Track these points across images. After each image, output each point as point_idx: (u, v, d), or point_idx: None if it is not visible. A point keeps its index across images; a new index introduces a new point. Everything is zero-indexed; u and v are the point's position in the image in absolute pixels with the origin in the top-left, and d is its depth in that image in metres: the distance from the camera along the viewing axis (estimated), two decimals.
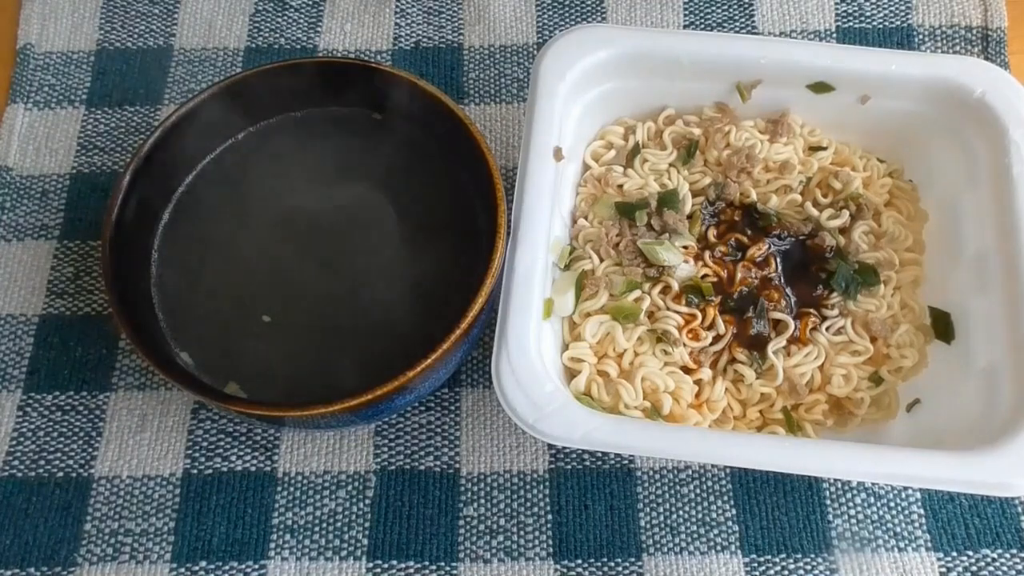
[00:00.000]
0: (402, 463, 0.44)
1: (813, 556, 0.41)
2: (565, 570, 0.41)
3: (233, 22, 0.55)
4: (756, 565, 0.41)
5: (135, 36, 0.55)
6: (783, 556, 0.41)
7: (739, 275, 0.43)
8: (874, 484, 0.43)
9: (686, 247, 0.43)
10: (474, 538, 0.42)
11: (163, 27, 0.55)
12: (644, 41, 0.43)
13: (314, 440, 0.44)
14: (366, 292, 0.42)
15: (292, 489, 0.43)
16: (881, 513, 0.42)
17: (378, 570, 0.41)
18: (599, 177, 0.45)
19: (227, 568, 0.42)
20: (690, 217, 0.44)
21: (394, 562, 0.42)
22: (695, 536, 0.42)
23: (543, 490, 0.43)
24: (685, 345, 0.41)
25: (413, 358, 0.36)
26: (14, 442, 0.44)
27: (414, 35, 0.54)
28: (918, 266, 0.44)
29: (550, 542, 0.42)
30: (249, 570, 0.42)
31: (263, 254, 0.43)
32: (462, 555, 0.42)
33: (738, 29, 0.54)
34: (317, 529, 0.42)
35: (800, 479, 0.43)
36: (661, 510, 0.43)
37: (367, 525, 0.42)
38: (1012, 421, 0.36)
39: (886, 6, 0.54)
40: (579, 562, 0.42)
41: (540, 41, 0.54)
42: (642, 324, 0.42)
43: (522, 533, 0.42)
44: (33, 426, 0.44)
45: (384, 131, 0.45)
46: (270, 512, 0.43)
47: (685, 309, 0.42)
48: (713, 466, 0.43)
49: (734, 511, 0.42)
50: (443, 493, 0.43)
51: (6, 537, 0.42)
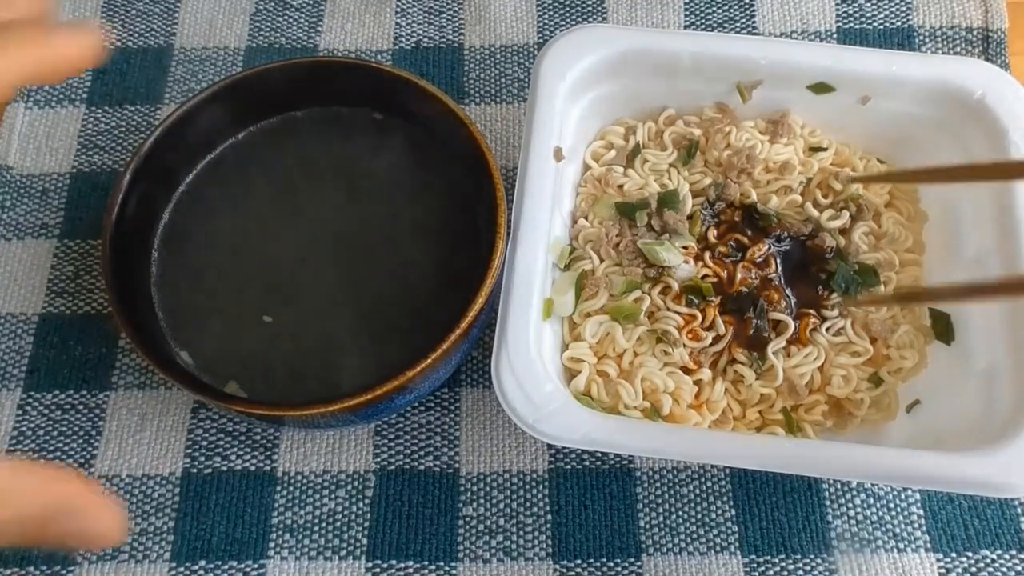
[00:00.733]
0: (401, 463, 0.44)
1: (812, 557, 0.41)
2: (564, 570, 0.41)
3: (234, 21, 0.55)
4: (755, 565, 0.41)
5: (135, 35, 0.55)
6: (782, 557, 0.42)
7: (739, 275, 0.43)
8: (874, 485, 0.43)
9: (686, 247, 0.43)
10: (473, 538, 0.42)
11: (163, 26, 0.55)
12: (645, 41, 0.43)
13: (314, 440, 0.44)
14: (366, 292, 0.42)
15: (292, 488, 0.43)
16: (880, 514, 0.42)
17: (377, 570, 0.41)
18: (599, 177, 0.45)
19: (226, 567, 0.42)
20: (690, 217, 0.44)
21: (393, 562, 0.42)
22: (694, 536, 0.42)
23: (542, 490, 0.43)
24: (685, 345, 0.41)
25: (413, 358, 0.36)
26: (14, 441, 0.44)
27: (415, 35, 0.54)
28: (918, 267, 0.44)
29: (549, 542, 0.42)
30: (248, 569, 0.42)
31: (264, 254, 0.43)
32: (461, 555, 0.42)
33: (739, 30, 0.54)
34: (316, 529, 0.42)
35: (799, 480, 0.43)
36: (660, 510, 0.43)
37: (366, 525, 0.42)
38: (1012, 422, 0.36)
39: (887, 7, 0.54)
40: (578, 562, 0.42)
41: (541, 41, 0.54)
42: (642, 324, 0.42)
43: (521, 533, 0.42)
44: (33, 425, 0.44)
45: (385, 131, 0.45)
46: (269, 511, 0.43)
47: (685, 309, 0.42)
48: (712, 466, 0.43)
49: (733, 512, 0.43)
50: (442, 493, 0.43)
51: None
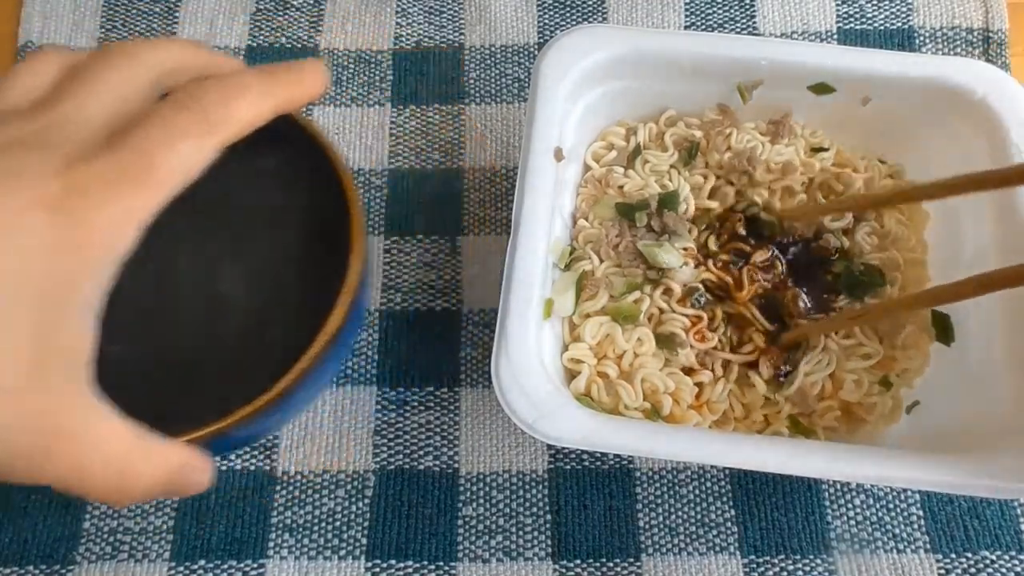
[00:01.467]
0: (401, 463, 0.44)
1: (812, 557, 0.41)
2: (564, 570, 0.41)
3: (234, 21, 0.55)
4: (755, 566, 0.41)
5: (136, 34, 0.55)
6: (782, 557, 0.42)
7: (745, 280, 0.43)
8: (873, 486, 0.43)
9: (686, 249, 0.43)
10: (473, 538, 0.42)
11: (164, 25, 0.55)
12: (645, 41, 0.43)
13: (313, 439, 0.44)
14: (212, 325, 0.38)
15: (291, 488, 0.43)
16: (880, 515, 0.42)
17: (377, 569, 0.41)
18: (600, 178, 0.45)
19: (226, 567, 0.42)
20: (693, 221, 0.44)
21: (392, 561, 0.42)
22: (694, 537, 0.42)
23: (542, 490, 0.43)
24: (692, 347, 0.41)
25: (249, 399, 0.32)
26: None
27: (415, 35, 0.54)
28: (921, 267, 0.44)
29: (549, 542, 0.42)
30: (248, 569, 0.42)
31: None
32: (461, 555, 0.42)
33: (739, 30, 0.54)
34: (316, 528, 0.42)
35: (799, 480, 0.43)
36: (660, 511, 0.43)
37: (366, 524, 0.42)
38: (1011, 424, 0.36)
39: (887, 8, 0.54)
40: (578, 562, 0.42)
41: (541, 41, 0.54)
42: (642, 325, 0.42)
43: (521, 533, 0.42)
44: None
45: (231, 157, 0.38)
46: (269, 511, 0.43)
47: (691, 311, 0.42)
48: (712, 467, 0.43)
49: (733, 512, 0.42)
50: (442, 493, 0.43)
51: (5, 535, 0.42)
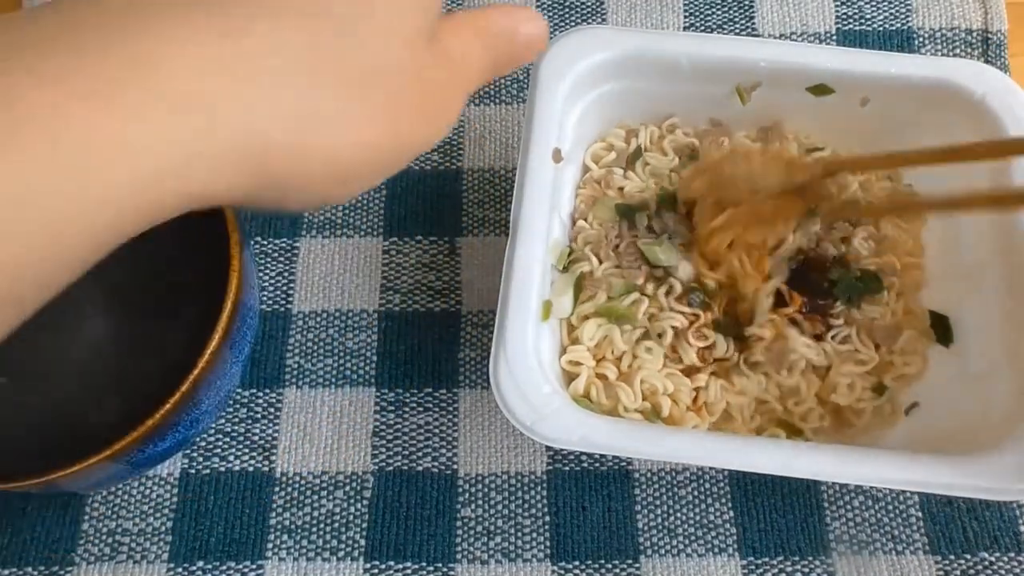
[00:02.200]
0: (400, 464, 0.44)
1: (811, 558, 0.41)
2: (562, 572, 0.41)
3: None
4: (754, 567, 0.41)
5: None
6: (781, 559, 0.41)
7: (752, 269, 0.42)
8: (872, 487, 0.43)
9: (684, 244, 0.43)
10: (471, 539, 0.42)
11: None
12: (644, 43, 0.42)
13: (312, 441, 0.44)
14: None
15: (290, 489, 0.43)
16: (879, 516, 0.42)
17: (375, 571, 0.41)
18: (599, 179, 0.45)
19: (224, 568, 0.42)
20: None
21: (391, 563, 0.42)
22: (693, 538, 0.42)
23: (541, 492, 0.43)
24: (690, 344, 0.41)
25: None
26: None
27: None
28: (919, 270, 0.44)
29: (548, 543, 0.42)
30: (247, 570, 0.42)
31: None
32: (459, 556, 0.42)
33: (738, 31, 0.54)
34: (315, 530, 0.42)
35: (798, 481, 0.43)
36: (659, 512, 0.43)
37: (364, 526, 0.42)
38: (1009, 425, 0.36)
39: (886, 9, 0.54)
40: (576, 564, 0.41)
41: None
42: (642, 326, 0.42)
43: (520, 534, 0.42)
44: None
45: None
46: (268, 512, 0.43)
47: (688, 309, 0.42)
48: (711, 468, 0.43)
49: (732, 513, 0.42)
50: (440, 494, 0.43)
51: (4, 536, 0.42)
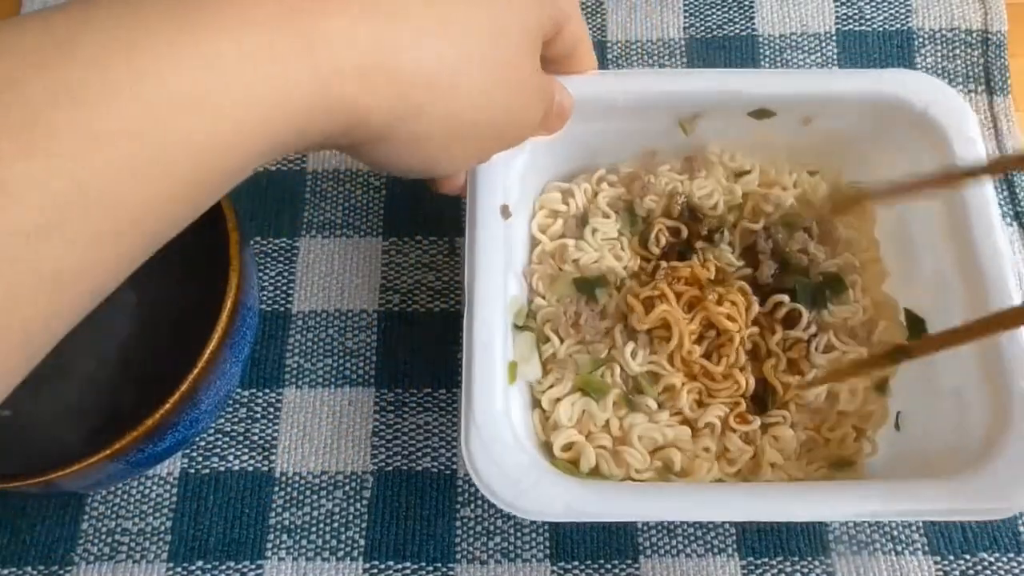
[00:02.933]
0: (399, 464, 0.44)
1: (810, 559, 0.41)
2: (562, 572, 0.41)
3: None
4: (753, 568, 0.41)
5: None
6: (780, 559, 0.41)
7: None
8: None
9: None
10: (471, 539, 0.42)
11: None
12: (577, 87, 0.40)
13: (311, 440, 0.44)
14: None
15: (289, 489, 0.43)
16: None
17: (375, 571, 0.41)
18: (552, 252, 0.44)
19: (224, 568, 0.42)
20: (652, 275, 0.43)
21: (391, 563, 0.42)
22: (692, 539, 0.42)
23: None
24: (735, 430, 0.40)
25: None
26: None
27: None
28: (877, 263, 0.44)
29: (547, 544, 0.42)
30: (246, 570, 0.42)
31: None
32: (459, 556, 0.42)
33: (738, 31, 0.54)
34: (314, 529, 0.42)
35: None
36: None
37: (364, 526, 0.42)
38: (987, 441, 0.35)
39: (886, 9, 0.54)
40: (576, 564, 0.41)
41: None
42: (616, 388, 0.41)
43: (519, 534, 0.42)
44: None
45: None
46: (267, 512, 0.43)
47: (728, 399, 0.40)
48: None
49: None
50: (440, 494, 0.43)
51: (3, 536, 0.42)
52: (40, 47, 0.20)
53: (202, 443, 0.44)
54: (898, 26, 0.54)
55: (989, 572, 0.41)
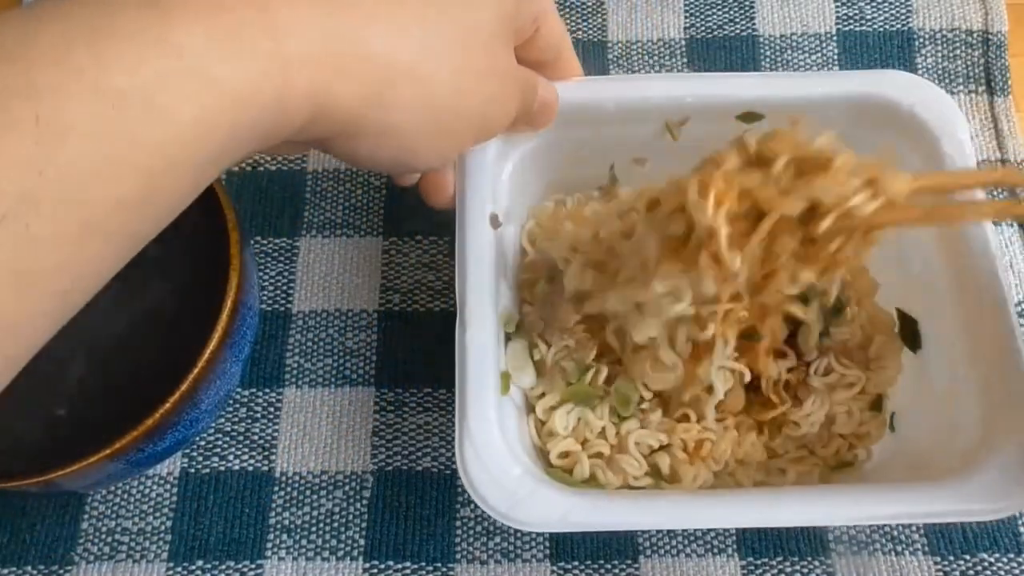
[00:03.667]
0: (399, 463, 0.44)
1: (810, 559, 0.41)
2: (562, 572, 0.41)
3: None
4: (753, 568, 0.41)
5: None
6: (780, 559, 0.41)
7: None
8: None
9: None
10: (471, 539, 0.42)
11: None
12: (566, 92, 0.40)
13: (311, 440, 0.44)
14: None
15: (289, 489, 0.43)
16: None
17: (375, 570, 0.41)
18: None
19: (224, 567, 0.42)
20: None
21: (391, 562, 0.42)
22: (692, 539, 0.42)
23: None
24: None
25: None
26: None
27: None
28: (866, 273, 0.43)
29: (547, 544, 0.42)
30: (246, 569, 0.42)
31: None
32: (459, 556, 0.42)
33: (738, 31, 0.54)
34: (314, 529, 0.42)
35: None
36: None
37: (364, 525, 0.42)
38: (979, 442, 0.35)
39: (887, 10, 0.54)
40: (576, 564, 0.41)
41: None
42: (609, 396, 0.40)
43: (519, 535, 0.42)
44: None
45: None
46: (267, 512, 0.43)
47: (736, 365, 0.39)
48: None
49: None
50: (440, 494, 0.43)
51: (3, 536, 0.42)
52: (4, 39, 0.20)
53: (202, 443, 0.44)
54: (899, 26, 0.54)
55: (989, 572, 0.41)
